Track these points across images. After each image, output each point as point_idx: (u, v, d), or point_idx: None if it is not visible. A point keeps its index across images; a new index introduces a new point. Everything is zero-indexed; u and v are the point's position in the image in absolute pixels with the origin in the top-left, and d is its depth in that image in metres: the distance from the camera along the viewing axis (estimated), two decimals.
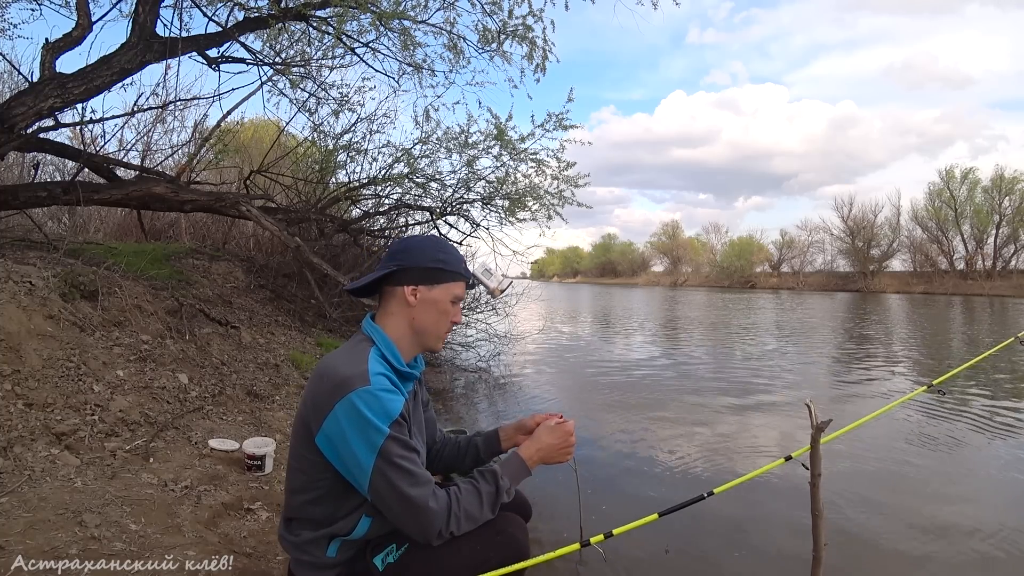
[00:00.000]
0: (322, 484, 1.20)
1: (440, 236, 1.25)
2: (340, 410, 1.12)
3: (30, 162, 5.62)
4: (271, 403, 3.18)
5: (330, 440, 1.15)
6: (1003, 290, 31.81)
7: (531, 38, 4.42)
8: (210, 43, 4.13)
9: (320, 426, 1.15)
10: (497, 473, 1.27)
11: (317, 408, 1.16)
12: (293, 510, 1.26)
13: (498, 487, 1.25)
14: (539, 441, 1.36)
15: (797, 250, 49.85)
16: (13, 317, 2.34)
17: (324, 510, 1.22)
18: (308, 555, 1.24)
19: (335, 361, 1.22)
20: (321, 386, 1.18)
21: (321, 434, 1.16)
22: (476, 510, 1.21)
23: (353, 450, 1.12)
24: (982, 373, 6.21)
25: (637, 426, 4.23)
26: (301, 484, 1.23)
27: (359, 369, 1.17)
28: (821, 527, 1.41)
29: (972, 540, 2.45)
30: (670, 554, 2.26)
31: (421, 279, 1.27)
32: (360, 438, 1.12)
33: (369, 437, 1.12)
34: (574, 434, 1.40)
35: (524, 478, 1.32)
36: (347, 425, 1.12)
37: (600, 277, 71.92)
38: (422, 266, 1.27)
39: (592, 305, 21.82)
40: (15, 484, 1.75)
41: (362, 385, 1.14)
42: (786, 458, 1.71)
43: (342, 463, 1.16)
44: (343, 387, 1.14)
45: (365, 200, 6.16)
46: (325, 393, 1.15)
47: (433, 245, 1.32)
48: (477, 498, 1.22)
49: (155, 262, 4.23)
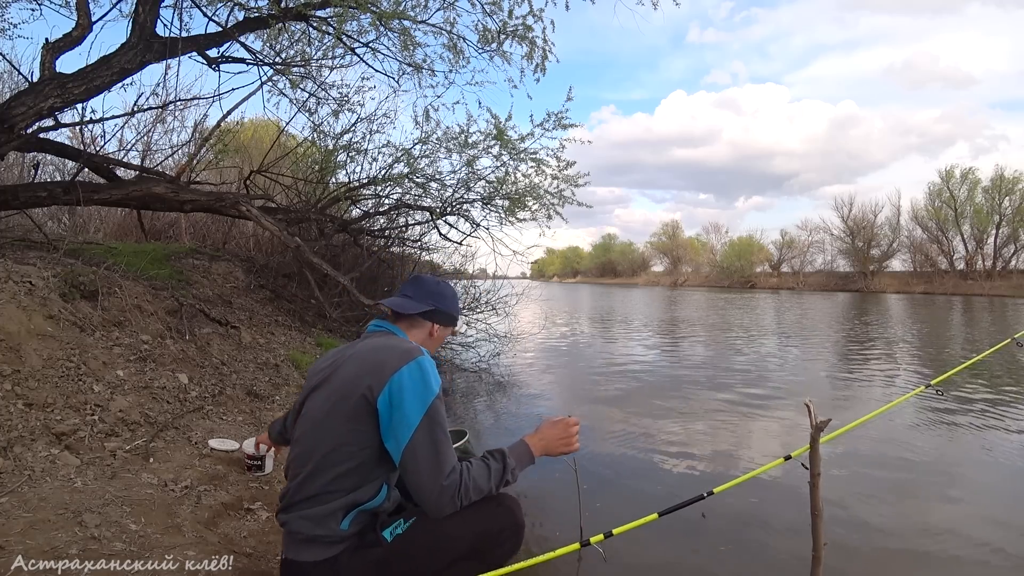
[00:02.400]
0: (364, 452, 1.32)
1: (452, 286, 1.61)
2: (407, 370, 1.31)
3: (30, 162, 5.62)
4: (271, 403, 3.18)
5: (390, 398, 1.29)
6: (1003, 290, 31.80)
7: (531, 38, 4.42)
8: (210, 43, 4.13)
9: (385, 384, 1.30)
10: (505, 453, 1.39)
11: (380, 372, 1.31)
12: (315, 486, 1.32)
13: (505, 465, 1.37)
14: (542, 432, 1.47)
15: (797, 250, 49.84)
16: (13, 317, 2.34)
17: (353, 480, 1.32)
18: (321, 528, 1.30)
19: (388, 342, 1.42)
20: (386, 356, 1.35)
21: (384, 393, 1.29)
22: (484, 482, 1.33)
23: (409, 405, 1.28)
24: (981, 373, 6.21)
25: (637, 426, 4.23)
26: (342, 457, 1.31)
27: (416, 345, 1.42)
28: (820, 526, 1.41)
29: (971, 539, 2.45)
30: (669, 547, 2.26)
31: (443, 322, 1.59)
32: (416, 396, 1.29)
33: (424, 396, 1.30)
34: (577, 428, 1.49)
35: (528, 464, 1.43)
36: (409, 383, 1.30)
37: (600, 277, 71.93)
38: (450, 313, 1.60)
39: (592, 305, 21.82)
40: (15, 484, 1.75)
41: (421, 355, 1.36)
42: (785, 458, 1.71)
43: (391, 421, 1.29)
44: (410, 353, 1.35)
45: (365, 200, 6.15)
46: (394, 359, 1.33)
47: (452, 293, 1.64)
48: (487, 472, 1.34)
49: (155, 262, 4.23)
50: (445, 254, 6.82)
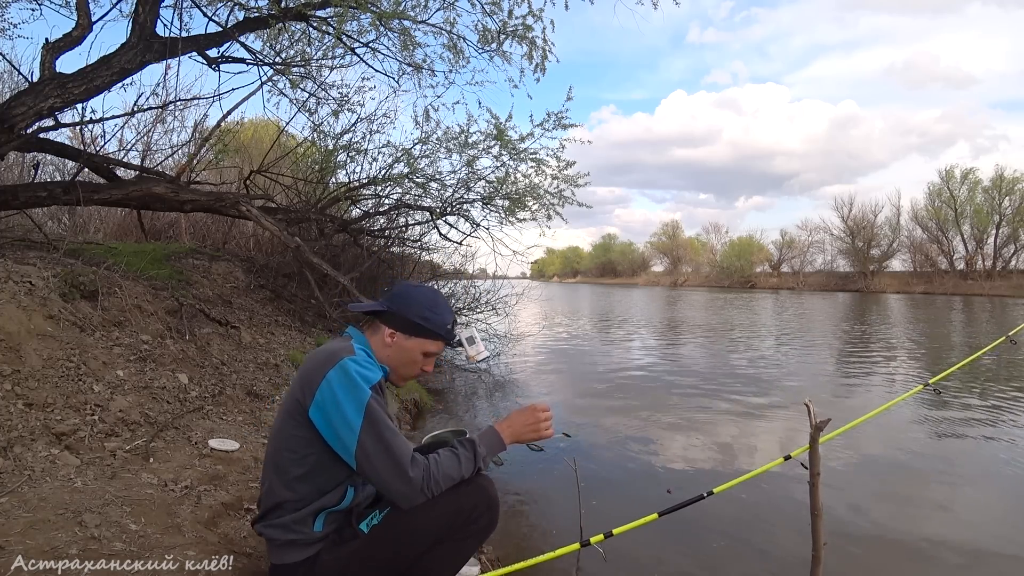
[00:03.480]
0: (309, 459, 1.30)
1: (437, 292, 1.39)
2: (332, 375, 1.27)
3: (30, 162, 5.62)
4: (271, 403, 3.17)
5: (322, 407, 1.26)
6: (1003, 290, 31.80)
7: (531, 38, 4.41)
8: (210, 43, 4.13)
9: (313, 396, 1.27)
10: (475, 442, 1.38)
11: (309, 382, 1.29)
12: (277, 495, 1.33)
13: (475, 452, 1.36)
14: (511, 419, 1.46)
15: (797, 250, 49.86)
16: (13, 317, 2.34)
17: (310, 487, 1.32)
18: (295, 533, 1.32)
19: (323, 347, 1.39)
20: (311, 364, 1.32)
21: (314, 405, 1.27)
22: (455, 471, 1.32)
23: (343, 411, 1.25)
24: (979, 372, 6.21)
25: (637, 426, 4.23)
26: (288, 463, 1.32)
27: (345, 345, 1.36)
28: (820, 526, 1.41)
29: (970, 538, 2.45)
30: (669, 547, 2.26)
31: (402, 327, 1.42)
32: (350, 398, 1.25)
33: (358, 396, 1.25)
34: (547, 413, 1.47)
35: (500, 451, 1.42)
36: (338, 387, 1.26)
37: (600, 277, 71.95)
38: (407, 317, 1.42)
39: (592, 305, 21.81)
40: (15, 484, 1.75)
41: (349, 356, 1.31)
42: (785, 457, 1.71)
43: (332, 429, 1.26)
44: (333, 357, 1.30)
45: (365, 200, 6.15)
46: (317, 366, 1.29)
47: (426, 301, 1.45)
48: (456, 461, 1.33)
49: (155, 262, 4.23)
50: (445, 254, 6.84)
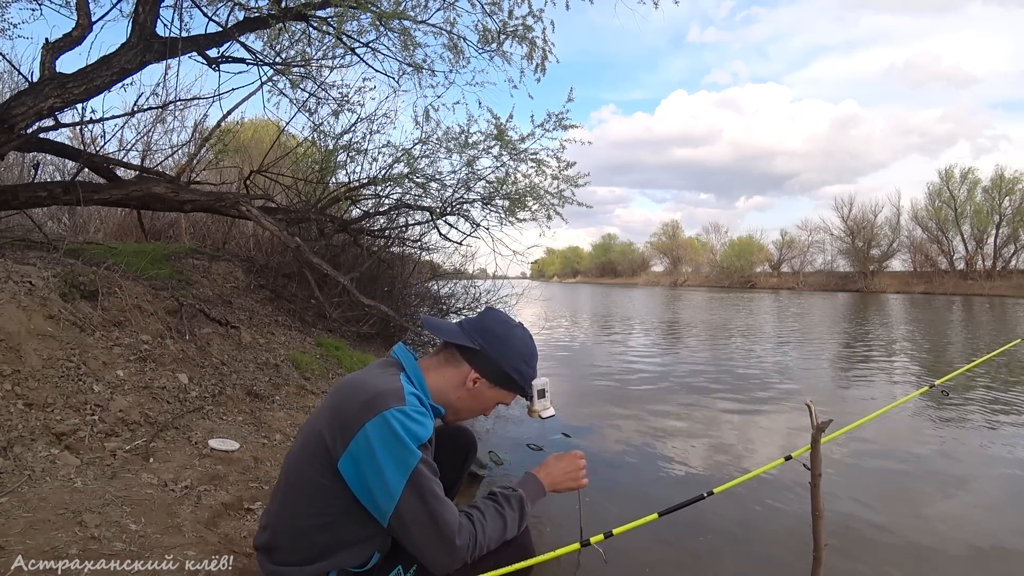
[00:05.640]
0: (331, 511, 1.13)
1: (532, 337, 1.23)
2: (372, 429, 1.06)
3: (30, 162, 5.61)
4: (271, 403, 3.17)
5: (356, 462, 1.08)
6: (1003, 290, 31.81)
7: (531, 38, 4.42)
8: (210, 43, 4.13)
9: (346, 447, 1.08)
10: (523, 499, 1.25)
11: (343, 427, 1.09)
12: (286, 536, 1.16)
13: (522, 513, 1.23)
14: (549, 466, 1.36)
15: (797, 250, 49.93)
16: (13, 317, 2.33)
17: (328, 538, 1.14)
18: None
19: (364, 377, 1.18)
20: (346, 401, 1.12)
21: (347, 456, 1.08)
22: (500, 534, 1.18)
23: (383, 475, 1.06)
24: (984, 373, 6.20)
25: (637, 425, 4.23)
26: (304, 508, 1.14)
27: (391, 383, 1.13)
28: (821, 527, 1.41)
29: (973, 540, 2.45)
30: (670, 547, 2.26)
31: (491, 375, 1.25)
32: (392, 461, 1.06)
33: (403, 459, 1.06)
34: (584, 463, 1.39)
35: (540, 499, 1.32)
36: (378, 445, 1.06)
37: (600, 277, 71.98)
38: (500, 367, 1.25)
39: (592, 305, 21.81)
40: (15, 484, 1.74)
41: (396, 404, 1.09)
42: (786, 458, 1.71)
43: (365, 487, 1.08)
44: (375, 404, 1.08)
45: (365, 200, 6.15)
46: (354, 410, 1.09)
47: (525, 351, 1.29)
48: (502, 524, 1.19)
49: (155, 262, 4.23)
50: (445, 254, 6.84)
